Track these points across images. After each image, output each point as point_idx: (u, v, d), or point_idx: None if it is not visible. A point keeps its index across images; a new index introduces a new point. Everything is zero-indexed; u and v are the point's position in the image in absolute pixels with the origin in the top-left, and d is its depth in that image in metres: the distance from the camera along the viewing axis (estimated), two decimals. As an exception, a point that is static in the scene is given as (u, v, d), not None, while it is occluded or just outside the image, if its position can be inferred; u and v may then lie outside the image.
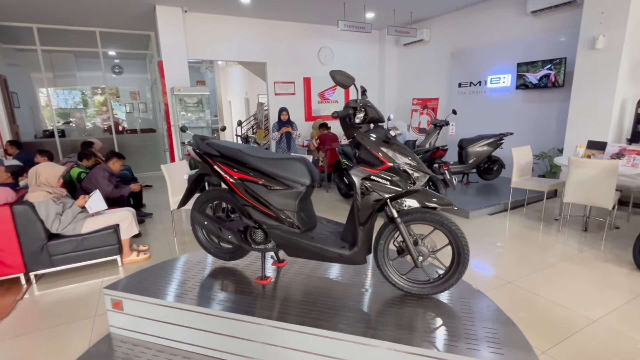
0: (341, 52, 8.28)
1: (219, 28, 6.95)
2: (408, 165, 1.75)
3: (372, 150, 1.76)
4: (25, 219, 2.95)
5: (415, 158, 1.78)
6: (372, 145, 1.76)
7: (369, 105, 1.77)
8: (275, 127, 5.85)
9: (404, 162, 1.74)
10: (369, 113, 1.75)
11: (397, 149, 1.76)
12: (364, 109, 1.75)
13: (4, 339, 2.31)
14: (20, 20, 6.89)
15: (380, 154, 1.74)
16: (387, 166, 1.74)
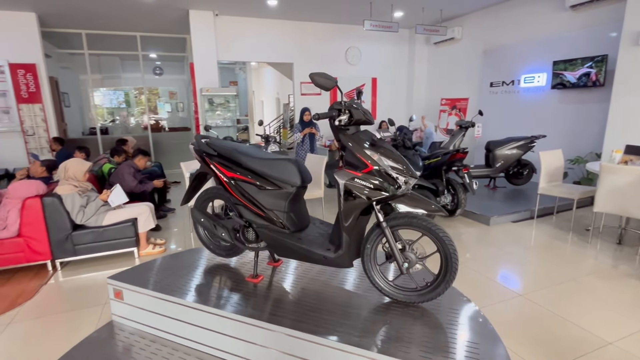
0: (369, 52, 8.18)
1: (247, 30, 7.13)
2: (392, 169, 1.69)
3: (356, 152, 1.72)
4: (53, 210, 3.20)
5: (403, 162, 1.72)
6: (356, 147, 1.72)
7: (355, 106, 1.73)
8: (297, 128, 5.85)
9: (388, 165, 1.69)
10: (354, 115, 1.71)
11: (383, 152, 1.71)
12: (348, 111, 1.71)
13: (24, 320, 2.52)
14: (71, 27, 7.48)
15: (363, 156, 1.70)
16: (370, 169, 1.69)
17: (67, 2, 5.79)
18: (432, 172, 4.46)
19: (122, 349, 1.99)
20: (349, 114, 1.71)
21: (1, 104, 6.44)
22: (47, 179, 3.90)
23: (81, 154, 5.45)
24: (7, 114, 6.50)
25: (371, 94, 8.48)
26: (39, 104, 6.63)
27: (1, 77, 6.34)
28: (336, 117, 1.72)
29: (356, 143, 1.72)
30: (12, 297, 2.83)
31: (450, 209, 4.40)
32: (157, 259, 2.54)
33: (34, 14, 6.35)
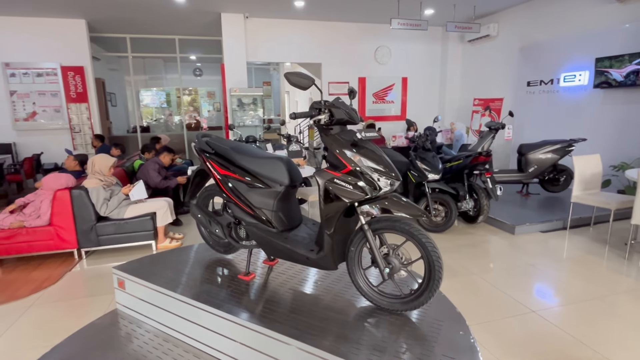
0: (399, 51, 7.99)
1: (276, 31, 7.25)
2: (372, 170, 1.63)
3: (335, 152, 1.68)
4: (80, 202, 3.45)
5: (385, 163, 1.66)
6: (335, 147, 1.68)
7: (336, 106, 1.68)
8: None
9: (368, 166, 1.63)
10: (335, 114, 1.67)
11: (364, 153, 1.65)
12: (328, 110, 1.67)
13: (45, 303, 2.74)
14: (117, 32, 8.04)
15: (341, 157, 1.66)
16: (349, 169, 1.64)
17: (113, 9, 6.22)
18: (453, 175, 4.27)
19: (118, 337, 2.09)
20: (329, 113, 1.67)
21: (53, 103, 7.06)
22: (79, 172, 4.21)
23: (117, 151, 5.85)
24: (58, 113, 7.12)
25: (401, 93, 8.27)
26: (85, 104, 7.20)
27: (54, 78, 6.96)
28: (315, 116, 1.69)
29: (336, 143, 1.68)
30: (39, 281, 3.09)
31: (472, 215, 4.18)
32: (164, 252, 2.65)
33: (84, 20, 6.89)
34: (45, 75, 6.94)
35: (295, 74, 1.61)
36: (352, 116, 1.70)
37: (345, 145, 1.66)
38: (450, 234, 4.04)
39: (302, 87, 1.63)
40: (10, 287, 3.00)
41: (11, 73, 6.76)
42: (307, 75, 1.62)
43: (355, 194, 1.64)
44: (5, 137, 6.89)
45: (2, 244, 3.34)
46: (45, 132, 7.08)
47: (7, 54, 6.63)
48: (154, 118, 12.27)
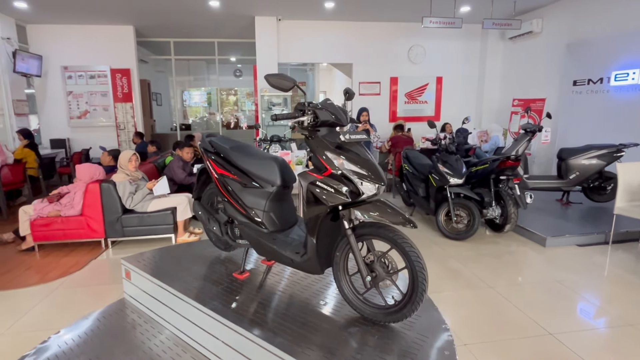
0: (434, 50, 7.68)
1: (307, 32, 7.29)
2: (354, 174, 1.56)
3: (317, 155, 1.63)
4: (108, 195, 3.69)
5: (370, 167, 1.58)
6: (318, 149, 1.63)
7: (320, 107, 1.63)
8: (353, 128, 5.70)
9: (349, 169, 1.56)
10: (319, 116, 1.61)
11: (347, 156, 1.59)
12: (312, 112, 1.62)
13: (68, 287, 2.97)
14: (162, 37, 8.53)
15: (323, 159, 1.60)
16: (329, 172, 1.59)
17: (158, 15, 6.61)
18: (480, 180, 4.01)
19: (121, 325, 2.20)
20: (313, 114, 1.62)
21: (103, 102, 7.65)
22: (113, 167, 4.51)
23: (153, 147, 6.19)
24: (106, 111, 7.70)
25: (435, 93, 7.95)
26: (130, 103, 7.71)
27: (104, 80, 7.54)
28: (298, 118, 1.65)
29: (319, 145, 1.63)
30: (67, 266, 3.35)
31: (499, 223, 3.91)
32: (172, 246, 2.76)
33: (132, 26, 7.39)
34: (97, 77, 7.54)
35: (276, 76, 1.58)
36: (339, 118, 1.64)
37: (328, 147, 1.61)
38: (473, 242, 3.80)
39: (283, 89, 1.60)
40: (43, 271, 3.29)
41: (68, 75, 7.43)
42: (288, 77, 1.58)
43: (337, 197, 1.58)
44: (61, 133, 7.57)
45: (41, 231, 3.66)
46: (95, 129, 7.69)
47: (65, 58, 7.29)
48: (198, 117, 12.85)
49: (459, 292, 2.77)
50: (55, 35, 7.15)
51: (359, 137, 1.64)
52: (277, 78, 1.58)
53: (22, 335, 2.31)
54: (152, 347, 1.95)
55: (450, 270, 3.14)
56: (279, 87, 1.58)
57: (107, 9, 6.19)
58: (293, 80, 1.59)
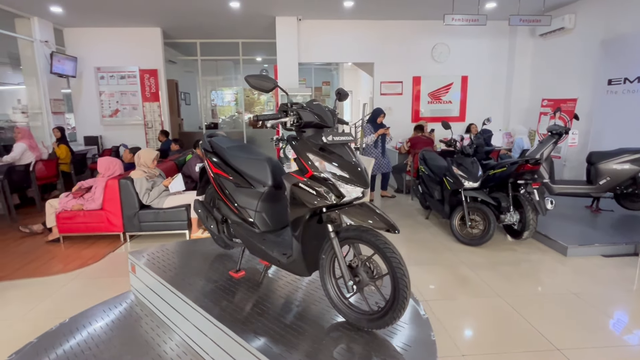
0: (459, 48, 7.44)
1: (328, 32, 7.27)
2: (335, 176, 1.53)
3: (299, 156, 1.61)
4: (126, 190, 3.86)
5: (351, 169, 1.54)
6: (300, 150, 1.61)
7: (303, 108, 1.61)
8: (369, 129, 5.51)
9: (331, 172, 1.53)
10: (302, 117, 1.60)
11: (330, 158, 1.56)
12: (296, 112, 1.61)
13: (84, 278, 3.13)
14: (188, 38, 8.80)
15: (304, 160, 1.58)
16: (310, 174, 1.57)
17: (182, 17, 6.83)
18: (498, 184, 3.84)
19: (124, 316, 2.29)
20: (297, 115, 1.61)
21: (132, 102, 8.01)
22: (133, 164, 4.71)
23: (176, 146, 6.40)
24: (135, 110, 8.05)
25: (460, 93, 7.69)
26: (157, 102, 8.02)
27: (133, 80, 7.89)
28: (281, 119, 1.63)
29: (302, 146, 1.61)
30: (85, 258, 3.53)
31: (517, 230, 3.72)
32: (179, 242, 2.84)
33: (159, 28, 7.68)
34: (127, 77, 7.90)
35: (256, 76, 1.57)
36: (324, 119, 1.61)
37: (311, 149, 1.58)
38: (488, 248, 3.64)
39: (264, 90, 1.59)
40: (65, 261, 3.49)
41: (101, 76, 7.83)
42: (268, 77, 1.58)
43: (318, 200, 1.56)
44: (95, 130, 8.00)
45: (65, 223, 3.89)
46: (125, 127, 8.06)
47: (98, 60, 7.69)
48: (227, 116, 13.14)
49: (464, 300, 2.67)
50: (89, 38, 7.56)
51: (343, 139, 1.60)
52: (257, 79, 1.57)
53: (38, 321, 2.46)
54: (152, 339, 2.01)
55: (459, 277, 3.03)
56: (259, 88, 1.57)
57: (136, 11, 6.47)
58: (274, 81, 1.59)
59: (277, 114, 1.64)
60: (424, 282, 2.94)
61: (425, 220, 4.59)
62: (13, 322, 2.49)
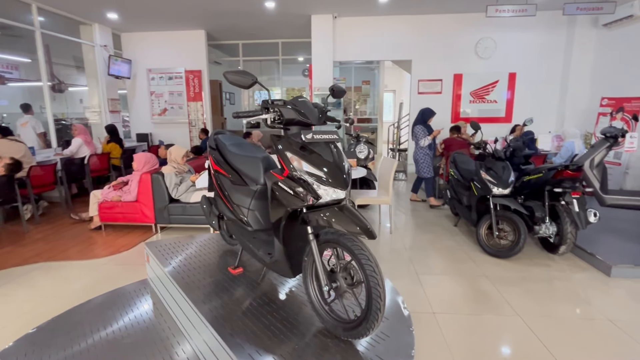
0: (507, 42, 6.91)
1: (364, 29, 7.14)
2: (310, 176, 1.48)
3: (277, 154, 1.58)
4: (157, 184, 4.11)
5: (330, 170, 1.49)
6: (279, 149, 1.57)
7: (284, 105, 1.57)
8: (423, 131, 4.97)
9: (307, 171, 1.49)
10: (283, 114, 1.56)
11: (308, 157, 1.51)
12: (277, 110, 1.58)
13: (115, 263, 3.39)
14: (231, 39, 9.16)
15: (282, 159, 1.55)
16: (287, 173, 1.53)
17: (224, 19, 7.13)
18: (534, 192, 3.52)
19: (134, 303, 2.45)
20: (277, 112, 1.58)
21: (178, 101, 8.52)
22: (168, 160, 5.01)
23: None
24: (181, 109, 8.56)
25: (507, 91, 7.15)
26: (200, 102, 8.45)
27: (179, 81, 8.39)
28: (260, 116, 1.61)
29: (282, 144, 1.57)
30: (119, 245, 3.83)
31: (554, 243, 3.38)
32: (193, 235, 2.96)
33: (204, 31, 8.08)
34: (174, 78, 8.42)
35: (235, 72, 1.56)
36: (307, 116, 1.57)
37: (290, 147, 1.55)
38: (518, 262, 3.34)
39: (242, 86, 1.58)
40: (101, 247, 3.81)
41: (152, 77, 8.43)
42: (247, 73, 1.56)
43: (295, 200, 1.53)
44: (146, 128, 8.64)
45: (105, 213, 4.25)
46: (171, 125, 8.60)
47: (149, 62, 8.29)
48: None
49: (477, 316, 2.47)
50: (142, 42, 8.17)
51: (325, 137, 1.54)
52: (235, 75, 1.56)
53: (68, 299, 2.71)
54: (158, 324, 2.13)
55: (477, 291, 2.82)
56: (238, 84, 1.56)
57: (182, 15, 6.86)
58: (252, 77, 1.56)
59: (259, 111, 1.63)
60: (435, 293, 2.78)
61: (453, 228, 4.33)
62: (47, 298, 2.77)
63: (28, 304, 2.69)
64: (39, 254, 3.68)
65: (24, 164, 4.54)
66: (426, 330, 2.31)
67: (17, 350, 2.01)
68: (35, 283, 3.05)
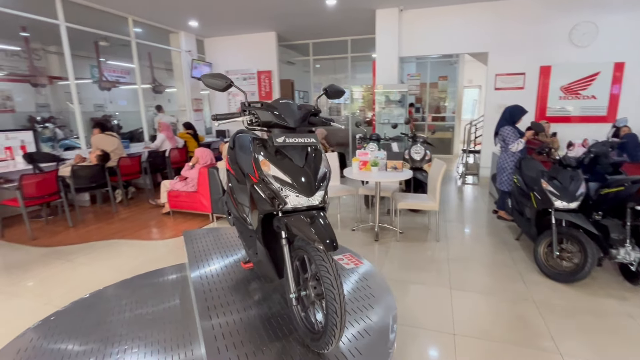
0: (612, 27, 5.79)
1: (433, 21, 6.69)
2: (277, 180, 1.45)
3: (251, 157, 1.58)
4: (213, 178, 4.46)
5: (297, 176, 1.44)
6: (254, 151, 1.56)
7: (261, 107, 1.55)
8: (515, 134, 4.21)
9: (273, 175, 1.45)
10: (260, 116, 1.54)
11: (278, 161, 1.47)
12: (254, 112, 1.56)
13: (170, 246, 3.80)
14: (302, 39, 9.45)
15: (254, 161, 1.54)
16: (257, 176, 1.53)
17: (293, 20, 7.38)
18: (613, 207, 2.93)
19: (166, 285, 2.73)
20: (254, 115, 1.56)
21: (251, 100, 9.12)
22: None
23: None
24: (253, 108, 9.15)
25: (611, 86, 6.00)
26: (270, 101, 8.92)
27: (253, 81, 8.97)
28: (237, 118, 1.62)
29: (257, 147, 1.57)
30: (180, 230, 4.28)
31: (636, 271, 2.77)
32: (226, 227, 3.17)
33: (274, 32, 8.48)
34: (248, 78, 9.04)
35: (211, 75, 1.55)
36: (285, 119, 1.53)
37: (263, 150, 1.54)
38: (583, 288, 2.82)
39: (217, 89, 1.58)
40: (165, 231, 4.32)
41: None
42: (222, 76, 1.55)
43: (265, 204, 1.53)
44: (224, 125, 9.46)
45: (172, 200, 4.79)
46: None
47: (227, 64, 9.02)
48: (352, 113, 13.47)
49: (504, 344, 2.16)
50: (221, 46, 8.92)
51: (298, 141, 1.49)
52: (211, 78, 1.56)
53: (121, 273, 3.15)
54: (175, 306, 2.35)
55: (516, 316, 2.46)
56: (213, 87, 1.56)
57: (254, 19, 7.30)
58: (226, 79, 1.56)
59: (237, 113, 1.64)
60: (463, 312, 2.50)
61: (514, 241, 3.83)
62: (110, 270, 3.25)
63: (94, 274, 3.20)
64: (118, 232, 4.32)
65: (115, 155, 5.37)
66: (437, 352, 2.11)
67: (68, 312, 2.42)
68: (106, 256, 3.60)
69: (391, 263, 3.33)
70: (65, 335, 1.83)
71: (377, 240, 3.90)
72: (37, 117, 8.29)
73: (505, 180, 4.29)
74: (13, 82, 7.96)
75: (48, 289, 2.96)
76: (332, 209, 5.05)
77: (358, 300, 1.91)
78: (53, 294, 2.88)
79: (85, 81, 8.49)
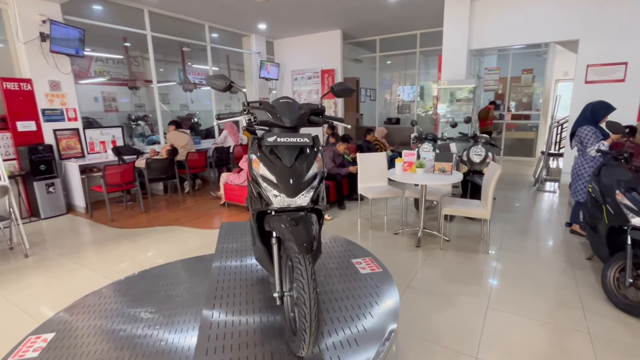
0: None
1: (509, 8, 6.01)
2: (264, 180, 1.44)
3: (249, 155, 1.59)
4: (262, 174, 4.70)
5: (282, 176, 1.41)
6: (250, 150, 1.57)
7: (258, 106, 1.55)
8: (596, 135, 3.56)
9: (261, 175, 1.45)
10: (257, 116, 1.55)
11: (269, 161, 1.47)
12: (252, 112, 1.57)
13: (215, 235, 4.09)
14: (369, 36, 9.31)
15: (248, 160, 1.55)
16: (250, 175, 1.53)
17: (358, 16, 7.31)
18: None
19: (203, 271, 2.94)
20: (252, 114, 1.59)
21: (315, 99, 9.28)
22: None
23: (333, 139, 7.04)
24: (317, 106, 9.30)
25: None
26: (333, 99, 8.97)
27: (316, 80, 9.12)
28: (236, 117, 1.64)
29: (251, 147, 1.58)
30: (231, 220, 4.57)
31: None
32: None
33: (339, 30, 8.49)
34: (312, 77, 9.22)
35: (214, 77, 1.61)
36: (281, 118, 1.53)
37: (258, 149, 1.55)
38: (664, 328, 2.28)
39: (218, 89, 1.63)
40: (215, 220, 4.66)
41: (295, 78, 9.46)
42: (223, 76, 1.60)
43: (256, 202, 1.54)
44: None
45: (227, 193, 5.14)
46: (308, 121, 9.46)
47: (293, 64, 9.31)
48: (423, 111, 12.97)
49: None
50: (288, 46, 9.23)
51: (290, 141, 1.47)
52: (212, 79, 1.61)
53: (168, 256, 3.49)
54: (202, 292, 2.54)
55: (561, 349, 2.10)
56: (215, 87, 1.61)
57: (318, 17, 7.40)
58: (227, 79, 1.59)
59: (237, 113, 1.68)
60: (496, 336, 2.22)
61: (585, 261, 3.27)
62: (164, 253, 3.62)
63: (148, 255, 3.60)
64: (178, 219, 4.79)
65: (184, 150, 5.94)
66: (451, 375, 1.91)
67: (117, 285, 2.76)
68: (163, 241, 4.02)
69: (426, 272, 3.10)
70: (111, 305, 2.12)
71: (419, 246, 3.67)
72: (133, 115, 9.59)
73: (581, 189, 3.67)
74: (117, 85, 9.33)
75: (111, 265, 3.42)
76: (378, 211, 4.89)
77: (360, 308, 1.82)
78: (113, 270, 3.31)
79: (171, 83, 9.55)
